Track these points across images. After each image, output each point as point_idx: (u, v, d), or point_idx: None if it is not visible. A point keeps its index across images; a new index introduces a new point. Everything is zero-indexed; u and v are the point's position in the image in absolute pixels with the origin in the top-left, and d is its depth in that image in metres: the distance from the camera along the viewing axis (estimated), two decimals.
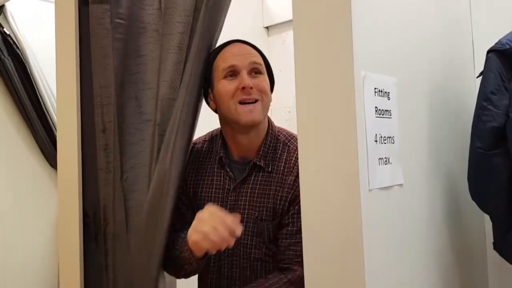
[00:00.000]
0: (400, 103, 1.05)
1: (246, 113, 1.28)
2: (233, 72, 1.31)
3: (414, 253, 1.09)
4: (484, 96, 1.17)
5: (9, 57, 2.11)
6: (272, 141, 1.36)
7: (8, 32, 2.12)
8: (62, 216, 1.60)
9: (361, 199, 0.90)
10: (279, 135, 1.38)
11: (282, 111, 2.42)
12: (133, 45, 1.41)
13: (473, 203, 1.25)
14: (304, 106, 0.97)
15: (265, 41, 2.65)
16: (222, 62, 1.33)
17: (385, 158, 0.99)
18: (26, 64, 2.14)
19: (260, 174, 1.34)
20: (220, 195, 1.36)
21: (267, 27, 2.69)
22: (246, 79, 1.29)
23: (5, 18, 2.15)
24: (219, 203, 1.34)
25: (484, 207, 1.21)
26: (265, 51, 1.43)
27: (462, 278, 1.34)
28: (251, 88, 1.28)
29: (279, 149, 1.35)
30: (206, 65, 1.37)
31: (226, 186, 1.37)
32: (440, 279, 1.20)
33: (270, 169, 1.33)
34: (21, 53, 2.13)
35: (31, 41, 2.20)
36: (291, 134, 1.39)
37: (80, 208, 1.52)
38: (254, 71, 1.33)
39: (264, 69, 1.36)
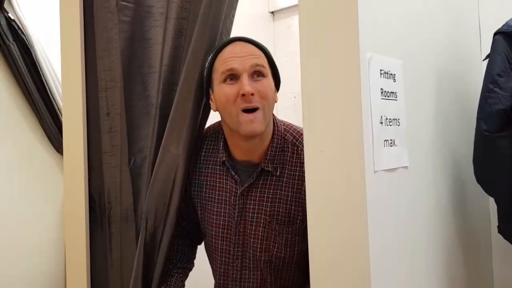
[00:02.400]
0: (406, 85, 1.05)
1: (247, 124, 1.19)
2: (233, 76, 1.21)
3: (418, 235, 1.09)
4: (490, 78, 1.16)
5: (14, 43, 2.11)
6: (279, 142, 1.28)
7: (13, 17, 2.12)
8: (68, 201, 1.61)
9: (366, 180, 0.90)
10: (286, 135, 1.29)
11: (288, 96, 2.42)
12: (139, 28, 1.41)
13: (478, 186, 1.25)
14: (310, 87, 0.97)
15: (270, 27, 2.63)
16: (222, 64, 1.22)
17: (391, 140, 0.99)
18: (31, 49, 2.13)
19: (268, 178, 1.27)
20: (227, 198, 1.30)
21: (272, 12, 2.67)
22: (246, 84, 1.18)
23: (10, 3, 2.14)
24: (226, 206, 1.30)
25: (489, 190, 1.21)
26: (270, 36, 1.38)
27: (466, 260, 1.34)
28: (252, 94, 1.18)
29: (287, 151, 1.27)
30: (207, 53, 1.30)
31: (233, 190, 1.29)
32: (444, 261, 1.21)
33: (278, 173, 1.26)
34: (26, 38, 2.12)
35: (36, 26, 2.20)
36: (298, 132, 1.30)
37: (86, 193, 1.53)
38: (256, 74, 1.22)
39: (268, 70, 1.25)
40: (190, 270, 1.45)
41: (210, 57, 1.27)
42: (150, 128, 1.38)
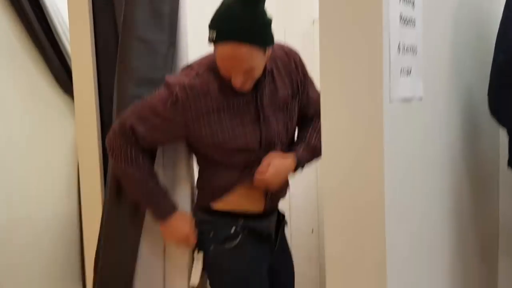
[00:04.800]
0: (424, 12, 1.02)
1: (238, 86, 1.32)
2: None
3: (430, 165, 1.10)
4: (510, 8, 1.13)
5: None
6: (268, 73, 1.41)
7: None
8: (81, 134, 1.63)
9: (384, 110, 0.90)
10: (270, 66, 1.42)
11: (306, 22, 2.28)
12: None
13: (490, 121, 1.25)
14: (328, 13, 0.94)
15: None
16: (219, 59, 1.32)
17: (407, 68, 0.97)
18: None
19: (267, 85, 1.40)
20: (245, 108, 1.39)
21: None
22: (238, 82, 1.31)
23: None
24: (246, 114, 1.38)
25: (503, 121, 1.21)
26: None
27: (474, 193, 1.36)
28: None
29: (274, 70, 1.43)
30: None
31: (241, 100, 1.38)
32: (452, 191, 1.23)
33: (273, 79, 1.42)
34: None
35: None
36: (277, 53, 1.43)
37: (98, 126, 1.55)
38: (247, 70, 1.32)
39: (258, 60, 1.31)
40: None
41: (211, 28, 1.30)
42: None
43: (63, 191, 2.68)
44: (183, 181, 1.51)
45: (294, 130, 1.52)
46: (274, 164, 1.38)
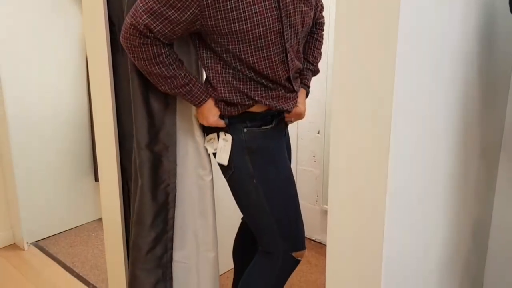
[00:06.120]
0: None
1: None
2: None
3: (441, 74, 1.09)
4: None
5: None
6: None
7: None
8: (88, 26, 1.60)
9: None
10: None
11: None
12: None
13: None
14: None
15: None
16: None
17: None
18: None
19: None
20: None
21: None
22: None
23: None
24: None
25: None
26: None
27: (483, 100, 1.35)
28: None
29: None
30: None
31: None
32: (461, 101, 1.22)
33: None
34: None
35: None
36: None
37: (106, 17, 1.52)
38: None
39: None
40: None
41: None
42: None
43: (72, 84, 2.71)
44: None
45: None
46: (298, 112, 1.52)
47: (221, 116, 1.43)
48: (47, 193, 2.71)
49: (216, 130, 1.48)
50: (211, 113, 1.43)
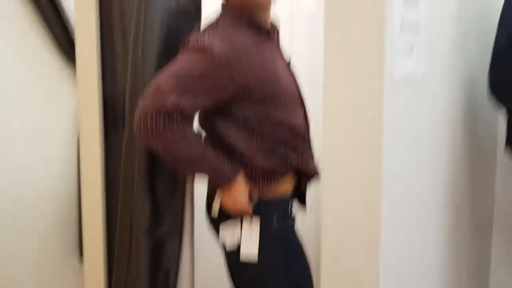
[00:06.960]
0: None
1: None
2: None
3: (429, 140, 1.12)
4: None
5: None
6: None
7: None
8: (82, 101, 1.63)
9: (384, 86, 0.91)
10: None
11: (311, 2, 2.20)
12: None
13: (489, 104, 1.26)
14: None
15: None
16: None
17: (409, 46, 0.98)
18: None
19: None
20: (278, 57, 1.34)
21: None
22: None
23: None
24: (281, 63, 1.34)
25: (502, 100, 1.21)
26: None
27: (471, 173, 1.38)
28: None
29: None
30: None
31: (275, 48, 1.35)
32: (449, 172, 1.24)
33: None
34: None
35: None
36: None
37: (99, 94, 1.55)
38: None
39: None
40: None
41: None
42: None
43: (62, 158, 2.68)
44: None
45: None
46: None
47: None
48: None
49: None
50: (242, 193, 1.27)
